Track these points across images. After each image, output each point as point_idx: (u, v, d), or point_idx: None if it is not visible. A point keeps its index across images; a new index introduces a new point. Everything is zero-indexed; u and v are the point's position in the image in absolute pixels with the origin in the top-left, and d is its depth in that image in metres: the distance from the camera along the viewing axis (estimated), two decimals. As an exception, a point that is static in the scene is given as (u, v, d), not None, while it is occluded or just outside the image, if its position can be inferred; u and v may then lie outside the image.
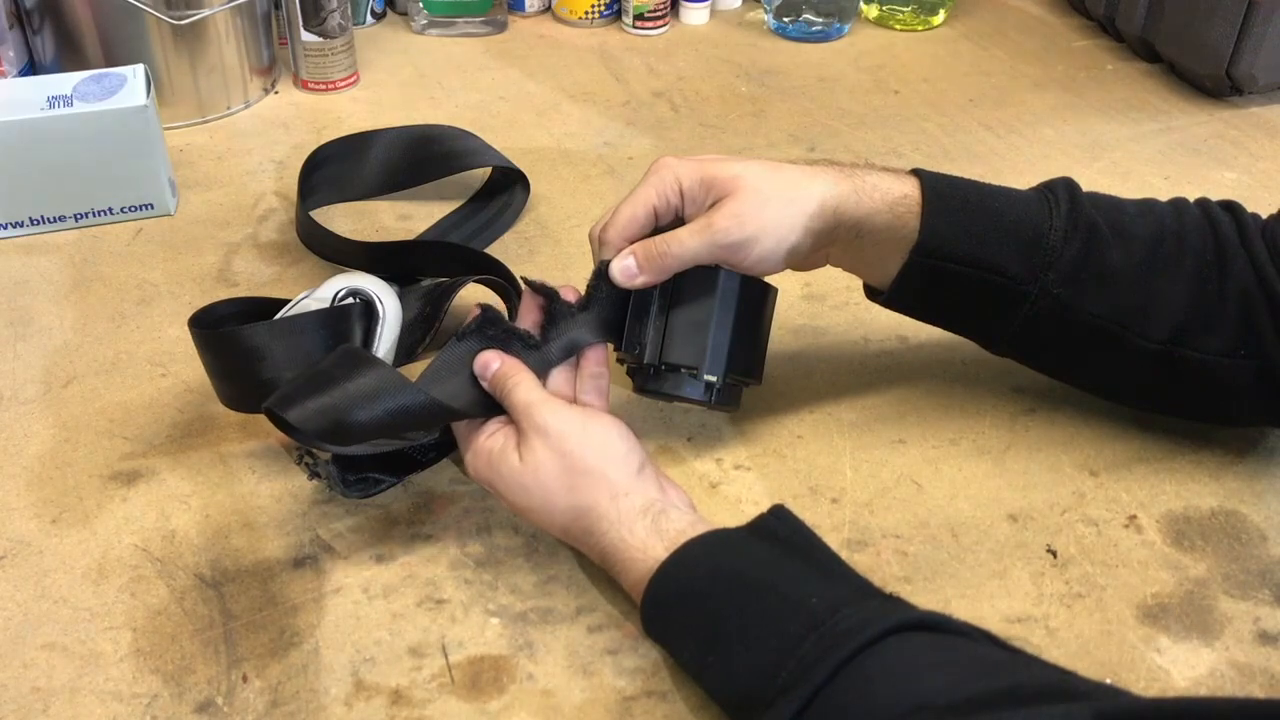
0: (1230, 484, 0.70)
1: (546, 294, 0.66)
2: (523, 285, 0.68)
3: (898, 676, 0.48)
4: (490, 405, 0.64)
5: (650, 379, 0.67)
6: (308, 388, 0.61)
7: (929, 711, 0.46)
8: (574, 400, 0.65)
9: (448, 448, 0.68)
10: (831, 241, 0.66)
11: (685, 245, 0.64)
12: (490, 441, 0.62)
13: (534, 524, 0.63)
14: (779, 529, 0.58)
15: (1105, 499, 0.69)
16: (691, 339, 0.65)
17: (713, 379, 0.65)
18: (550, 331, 0.66)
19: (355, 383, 0.61)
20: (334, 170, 0.94)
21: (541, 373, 0.65)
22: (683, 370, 0.66)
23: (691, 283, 0.66)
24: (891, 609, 0.52)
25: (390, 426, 0.60)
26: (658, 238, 0.65)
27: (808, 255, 0.67)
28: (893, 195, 0.65)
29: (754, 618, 0.52)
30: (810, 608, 0.51)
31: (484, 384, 0.64)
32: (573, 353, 0.66)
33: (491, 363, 0.64)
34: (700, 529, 0.58)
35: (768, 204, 0.63)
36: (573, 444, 0.60)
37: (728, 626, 0.53)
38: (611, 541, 0.59)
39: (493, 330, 0.66)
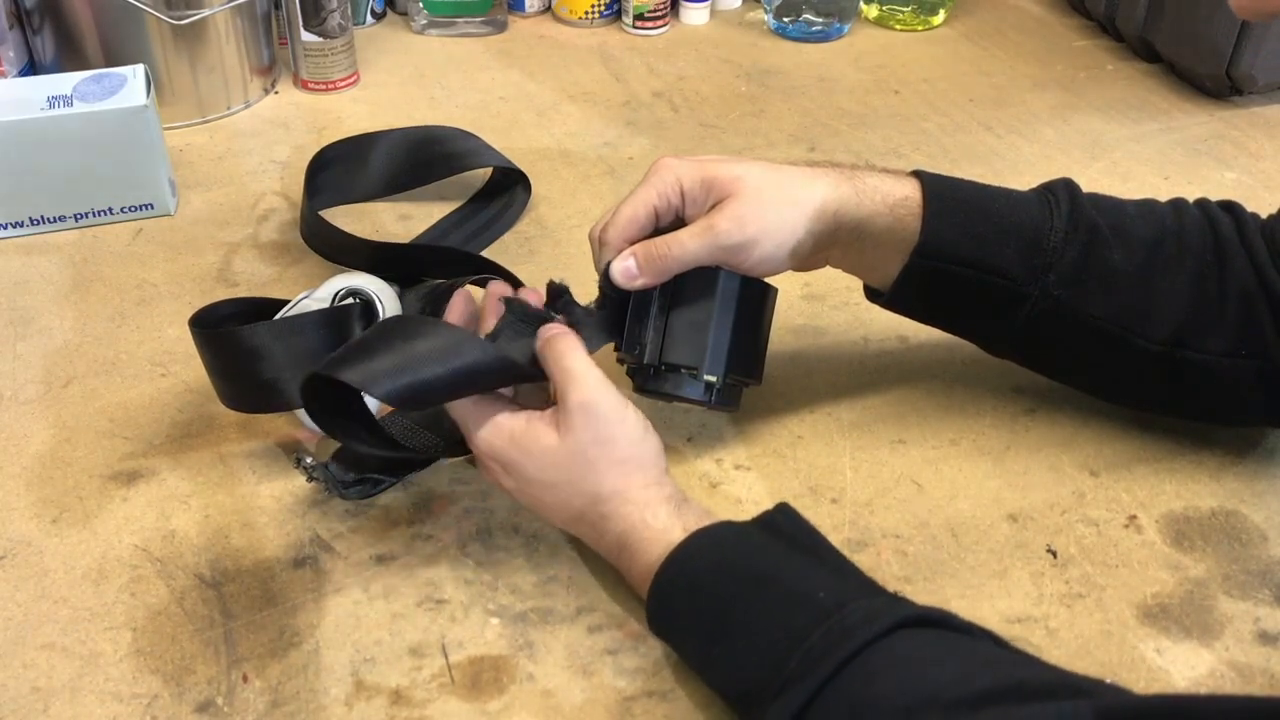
0: (1230, 484, 0.70)
1: (559, 294, 0.66)
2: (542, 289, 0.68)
3: (904, 671, 0.48)
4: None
5: (650, 379, 0.67)
6: (359, 353, 0.59)
7: (935, 705, 0.46)
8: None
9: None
10: (832, 243, 0.66)
11: (686, 247, 0.64)
12: (513, 421, 0.61)
13: (543, 505, 0.61)
14: (785, 525, 0.58)
15: (1105, 499, 0.69)
16: (691, 339, 0.65)
17: (713, 379, 0.65)
18: None
19: (421, 342, 0.59)
20: (338, 172, 0.94)
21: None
22: (683, 370, 0.66)
23: (692, 283, 0.66)
24: (897, 605, 0.52)
25: (454, 386, 0.59)
26: (658, 239, 0.65)
27: (808, 257, 0.67)
28: (893, 197, 0.65)
29: (761, 610, 0.53)
30: (817, 601, 0.52)
31: (541, 339, 0.63)
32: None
33: (552, 328, 0.64)
34: (712, 521, 0.58)
35: (768, 206, 0.63)
36: (616, 430, 0.60)
37: (734, 618, 0.53)
38: (633, 523, 0.58)
39: (526, 315, 0.65)
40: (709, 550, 0.56)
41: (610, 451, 0.59)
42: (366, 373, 0.58)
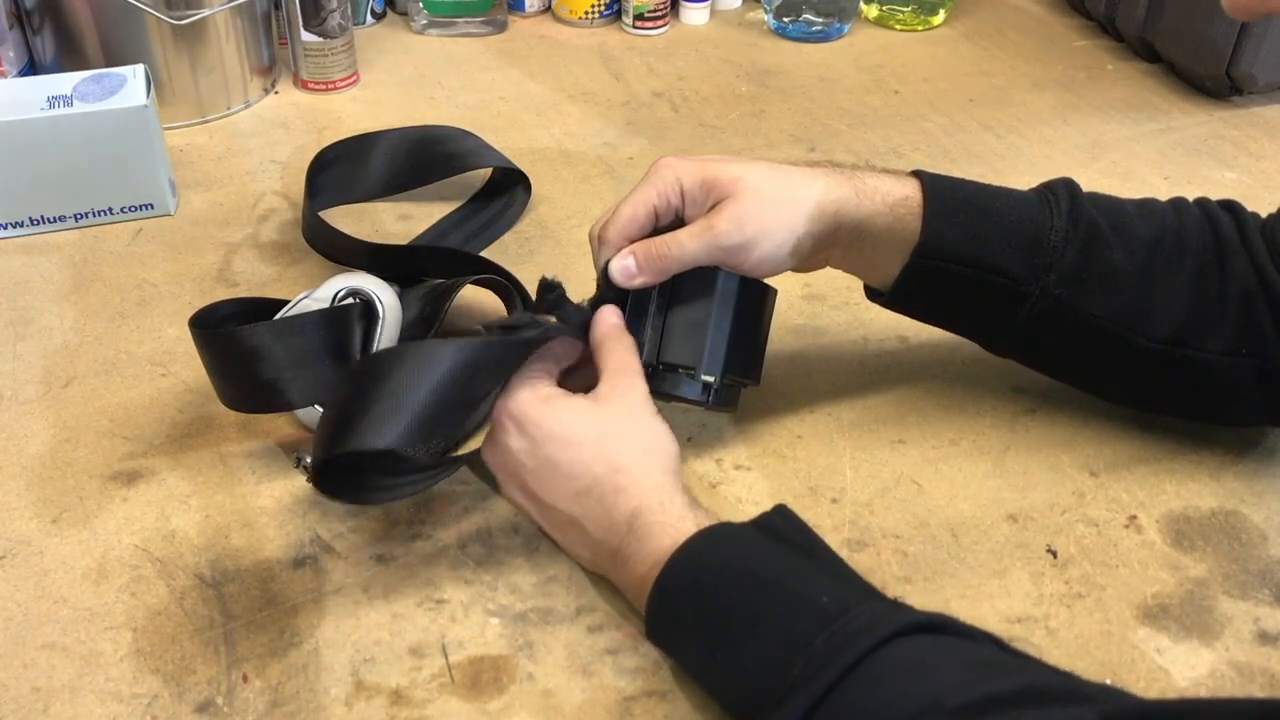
0: (1230, 484, 0.70)
1: (551, 289, 0.66)
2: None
3: (908, 676, 0.48)
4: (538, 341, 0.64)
5: (648, 378, 0.67)
6: (348, 418, 0.58)
7: (939, 712, 0.46)
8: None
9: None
10: (832, 244, 0.66)
11: (685, 248, 0.64)
12: (549, 386, 0.63)
13: (553, 470, 0.60)
14: (784, 528, 0.58)
15: (1105, 499, 0.69)
16: (689, 339, 0.65)
17: (710, 379, 0.65)
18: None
19: (395, 375, 0.58)
20: (338, 172, 0.94)
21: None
22: (680, 370, 0.66)
23: (690, 283, 0.66)
24: (899, 612, 0.52)
25: (453, 397, 0.59)
26: (658, 239, 0.65)
27: (808, 257, 0.67)
28: (894, 197, 0.65)
29: (764, 613, 0.52)
30: (821, 606, 0.52)
31: (601, 326, 0.65)
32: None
33: (611, 317, 0.65)
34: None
35: (768, 207, 0.63)
36: (645, 417, 0.62)
37: (737, 621, 0.53)
38: (647, 502, 0.58)
39: (507, 326, 0.65)
40: (710, 552, 0.56)
41: (642, 430, 0.61)
42: (367, 432, 0.58)
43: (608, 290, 0.66)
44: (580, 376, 0.66)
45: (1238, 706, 0.45)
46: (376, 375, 0.59)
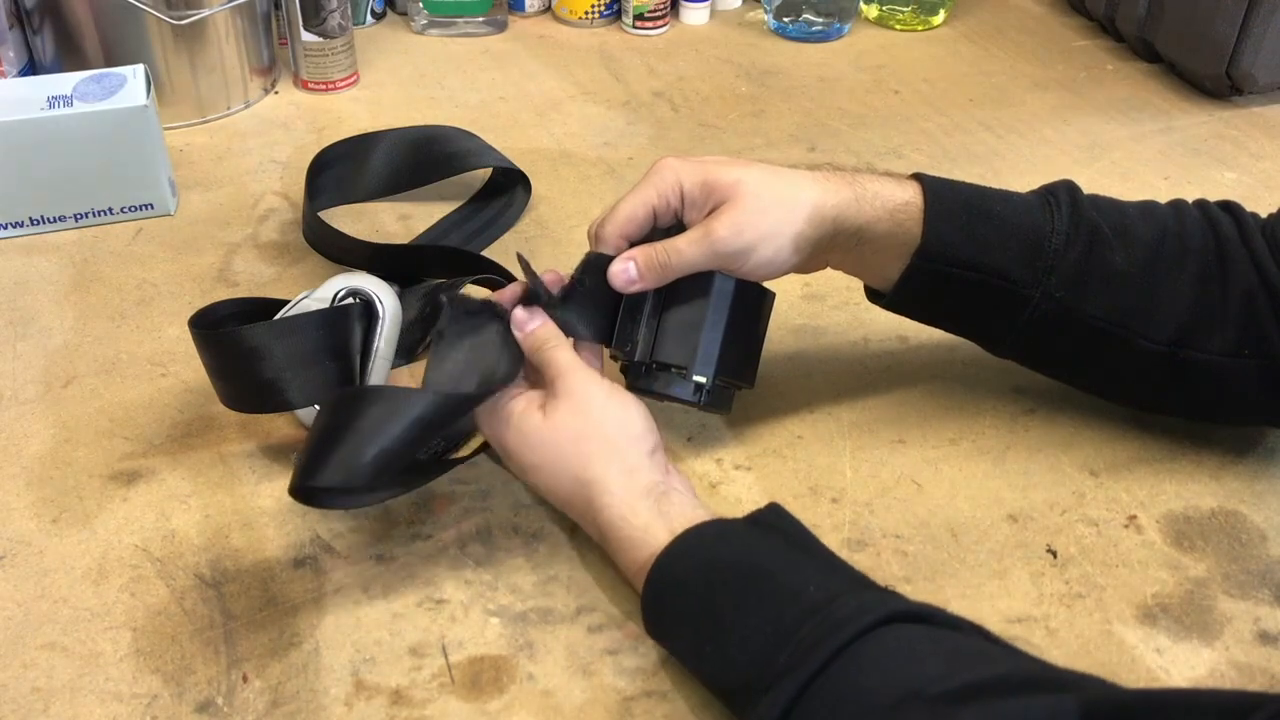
0: (1230, 484, 0.70)
1: (532, 277, 0.66)
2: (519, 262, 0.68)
3: (892, 664, 0.48)
4: (505, 374, 0.64)
5: (641, 376, 0.67)
6: (321, 448, 0.60)
7: (921, 698, 0.46)
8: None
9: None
10: (831, 248, 0.66)
11: (684, 255, 0.64)
12: (514, 404, 0.62)
13: (542, 488, 0.63)
14: (777, 522, 0.58)
15: (1105, 499, 0.69)
16: (683, 339, 0.66)
17: (701, 380, 0.65)
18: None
19: (363, 418, 0.59)
20: (339, 172, 0.94)
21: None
22: (672, 369, 0.66)
23: (687, 283, 0.66)
24: (887, 600, 0.52)
25: (415, 442, 0.60)
26: (658, 246, 0.65)
27: (807, 261, 0.67)
28: (894, 202, 0.65)
29: (752, 605, 0.53)
30: (808, 595, 0.52)
31: (518, 336, 0.64)
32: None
33: (529, 322, 0.65)
34: (701, 516, 0.59)
35: (767, 213, 0.63)
36: (596, 412, 0.61)
37: (726, 614, 0.53)
38: (610, 519, 0.59)
39: (470, 310, 0.65)
40: (698, 549, 0.56)
41: (590, 430, 0.61)
42: (325, 470, 0.58)
43: (594, 283, 0.66)
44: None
45: (1220, 697, 0.45)
46: (350, 413, 0.60)
